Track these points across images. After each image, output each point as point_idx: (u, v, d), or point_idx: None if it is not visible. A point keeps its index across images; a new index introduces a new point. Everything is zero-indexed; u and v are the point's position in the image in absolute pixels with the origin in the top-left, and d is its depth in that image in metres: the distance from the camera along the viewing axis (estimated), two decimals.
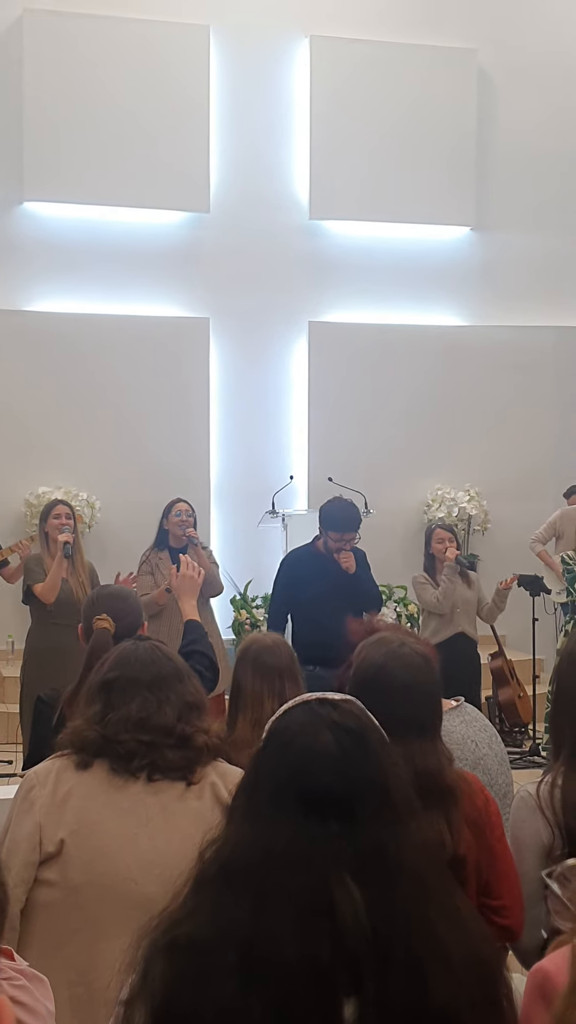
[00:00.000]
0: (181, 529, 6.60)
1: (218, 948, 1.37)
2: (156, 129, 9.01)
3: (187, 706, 2.43)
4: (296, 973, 1.33)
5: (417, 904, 1.41)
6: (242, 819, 1.49)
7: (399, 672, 2.38)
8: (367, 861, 1.41)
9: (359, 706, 1.59)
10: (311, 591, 5.90)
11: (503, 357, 9.74)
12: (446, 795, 2.26)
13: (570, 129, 9.94)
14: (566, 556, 7.06)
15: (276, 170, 9.45)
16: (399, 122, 9.50)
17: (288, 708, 1.57)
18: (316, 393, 9.44)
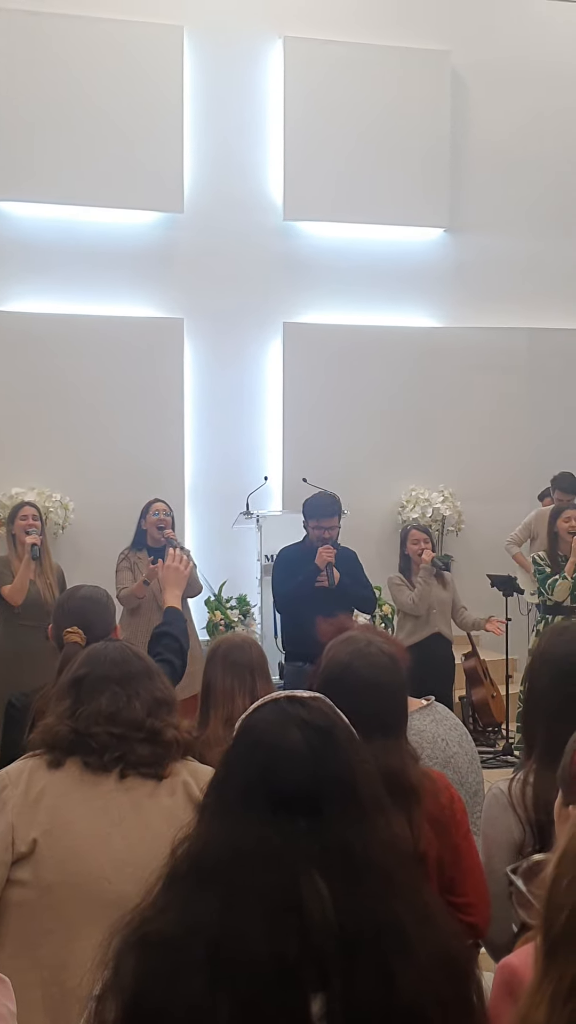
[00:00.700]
0: (159, 529, 6.61)
1: (188, 945, 1.38)
2: (130, 129, 8.99)
3: (156, 702, 2.44)
4: (264, 969, 1.34)
5: (385, 901, 1.42)
6: (212, 817, 1.50)
7: (365, 671, 2.39)
8: (335, 858, 1.42)
9: (328, 704, 1.60)
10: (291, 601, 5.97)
11: (477, 358, 9.78)
12: (408, 793, 2.27)
13: (543, 131, 10.00)
14: (537, 557, 7.09)
15: (250, 171, 9.46)
16: (373, 123, 9.52)
17: (258, 706, 1.58)
18: (290, 394, 9.45)
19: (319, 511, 6.04)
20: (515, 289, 10.00)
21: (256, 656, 3.53)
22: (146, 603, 6.38)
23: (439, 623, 6.84)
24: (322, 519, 6.00)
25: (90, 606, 3.36)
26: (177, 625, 3.71)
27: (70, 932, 2.22)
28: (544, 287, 10.08)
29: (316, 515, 6.03)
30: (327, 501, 6.11)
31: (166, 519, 6.72)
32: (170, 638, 3.61)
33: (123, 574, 6.61)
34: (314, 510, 6.07)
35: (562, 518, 7.00)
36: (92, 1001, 1.42)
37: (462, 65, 9.83)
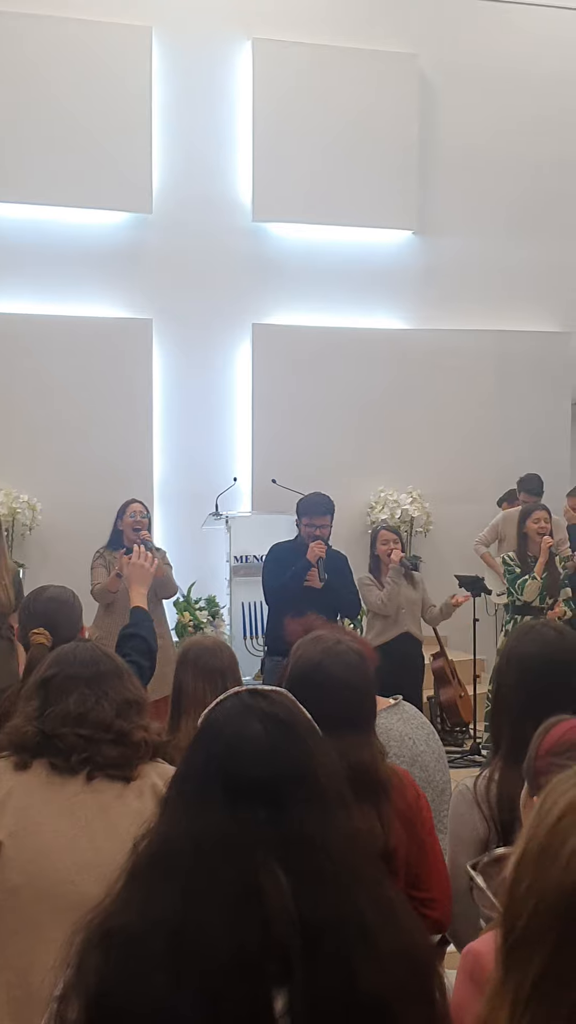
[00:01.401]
0: (135, 531, 6.59)
1: (149, 939, 1.38)
2: (98, 130, 8.97)
3: (126, 703, 2.43)
4: (225, 960, 1.34)
5: (346, 892, 1.43)
6: (173, 810, 1.50)
7: (334, 668, 2.41)
8: (294, 848, 1.42)
9: (290, 697, 1.61)
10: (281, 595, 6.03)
11: (445, 360, 9.83)
12: (378, 788, 2.30)
13: (511, 134, 10.07)
14: (507, 557, 7.14)
15: (219, 172, 9.46)
16: (341, 126, 9.55)
17: (220, 700, 1.59)
18: (260, 395, 9.46)
19: (312, 509, 6.27)
20: (483, 291, 10.05)
21: (227, 660, 3.52)
22: (121, 600, 6.35)
23: (408, 623, 6.87)
24: (315, 516, 6.22)
25: (56, 607, 3.35)
26: (144, 626, 3.70)
27: (36, 934, 2.21)
28: (512, 290, 10.15)
29: (309, 512, 6.26)
30: (320, 499, 6.34)
31: (143, 520, 6.71)
32: (138, 639, 3.60)
33: (98, 571, 6.58)
34: (307, 508, 6.30)
35: (531, 519, 7.05)
36: (54, 1001, 1.41)
37: (430, 68, 9.88)
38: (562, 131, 10.21)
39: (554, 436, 10.16)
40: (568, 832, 0.82)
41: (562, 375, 10.25)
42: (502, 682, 2.61)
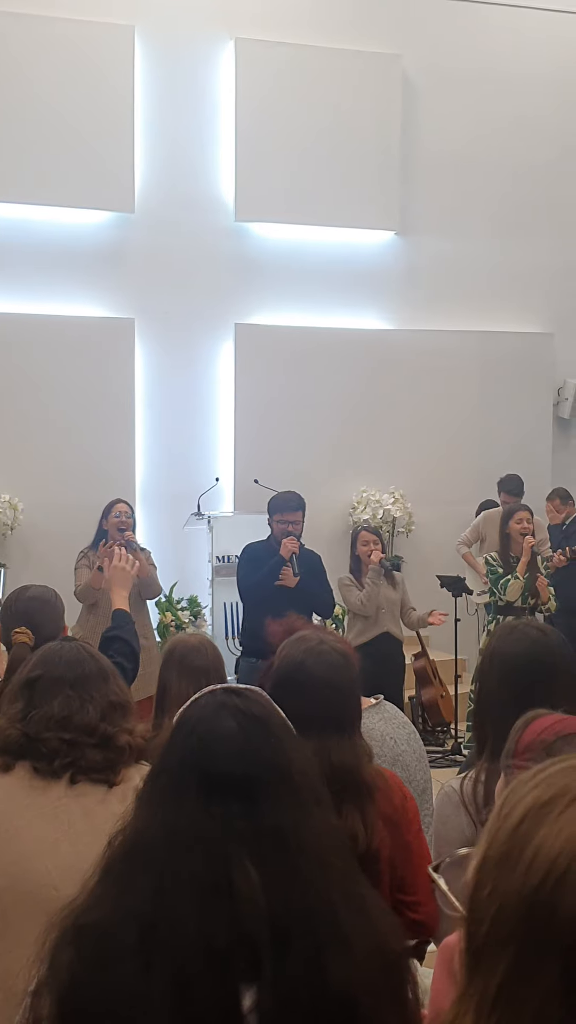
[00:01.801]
0: (119, 531, 6.57)
1: (120, 932, 1.39)
2: (81, 129, 8.94)
3: (111, 706, 2.42)
4: (195, 953, 1.36)
5: (318, 888, 1.44)
6: (148, 805, 1.52)
7: (317, 668, 2.40)
8: (267, 843, 1.44)
9: (265, 696, 1.62)
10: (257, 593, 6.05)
11: (427, 361, 9.84)
12: (362, 790, 2.29)
13: (493, 136, 10.10)
14: (490, 558, 7.16)
15: (201, 171, 9.44)
16: (324, 126, 9.55)
17: (195, 698, 1.61)
18: (242, 395, 9.45)
19: (283, 505, 6.31)
20: (465, 292, 10.08)
21: (213, 659, 3.52)
22: (104, 600, 6.33)
23: (388, 623, 6.88)
24: (286, 513, 6.26)
25: (38, 606, 3.34)
26: (127, 628, 3.70)
27: (16, 938, 2.19)
28: (494, 290, 10.18)
29: (280, 509, 6.30)
30: (291, 496, 6.40)
31: (128, 521, 6.70)
32: (121, 642, 3.60)
33: (81, 571, 6.57)
34: (278, 505, 6.34)
35: (514, 519, 7.07)
36: (28, 996, 1.43)
37: (413, 69, 9.90)
38: (544, 133, 10.25)
39: (536, 437, 10.19)
40: (529, 836, 0.82)
41: (544, 376, 10.29)
42: (485, 682, 2.60)
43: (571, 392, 10.37)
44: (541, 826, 0.81)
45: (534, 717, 1.84)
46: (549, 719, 1.82)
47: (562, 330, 10.40)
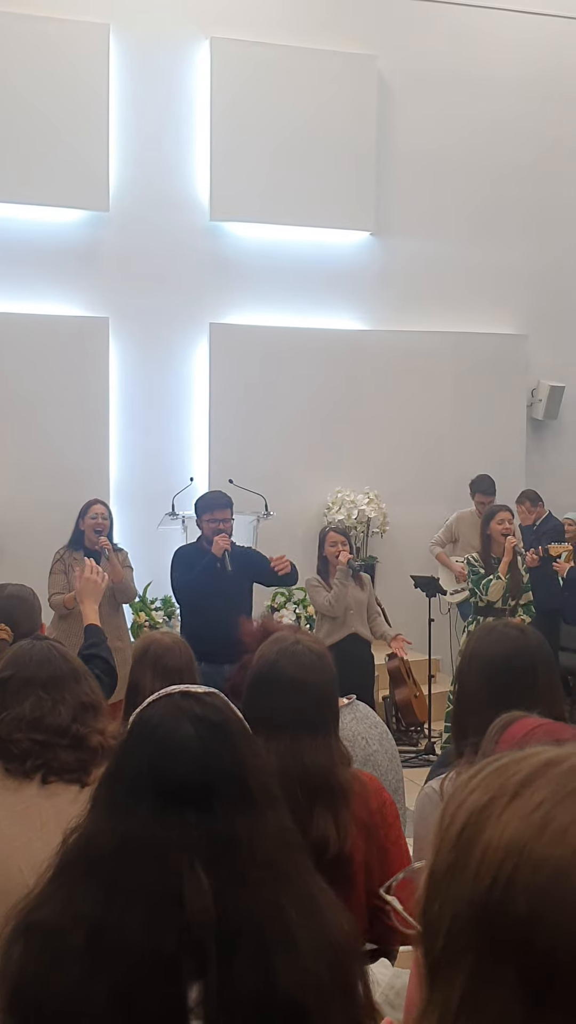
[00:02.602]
0: (96, 533, 6.54)
1: (69, 933, 1.40)
2: (55, 127, 8.90)
3: (82, 707, 2.41)
4: (141, 960, 1.37)
5: (269, 893, 1.44)
6: (102, 808, 1.51)
7: (291, 669, 2.39)
8: (220, 851, 1.44)
9: (222, 699, 1.62)
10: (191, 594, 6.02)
11: (402, 361, 9.86)
12: (335, 793, 2.27)
13: (468, 137, 10.13)
14: (471, 558, 7.17)
15: (176, 170, 9.42)
16: (299, 126, 9.55)
17: (152, 700, 1.60)
18: (217, 395, 9.44)
19: (211, 504, 6.25)
20: (440, 293, 10.11)
21: (186, 659, 3.50)
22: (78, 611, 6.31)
23: (356, 624, 6.86)
24: (215, 511, 6.19)
25: (16, 603, 3.38)
26: (103, 646, 3.71)
27: None
28: (469, 292, 10.21)
29: (209, 508, 6.23)
30: (218, 495, 6.36)
31: (104, 523, 6.67)
32: (99, 660, 3.60)
33: (56, 577, 6.53)
34: (207, 504, 6.27)
35: (495, 520, 7.09)
36: None
37: (388, 70, 9.92)
38: (519, 134, 10.29)
39: (510, 438, 10.23)
40: (472, 842, 0.81)
41: (519, 377, 10.33)
42: (465, 683, 2.59)
43: (545, 394, 10.42)
44: (483, 831, 0.81)
45: (512, 719, 1.84)
46: (531, 722, 1.81)
47: (536, 332, 10.44)
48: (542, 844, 0.78)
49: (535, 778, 0.82)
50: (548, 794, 0.80)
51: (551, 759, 0.84)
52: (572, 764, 0.83)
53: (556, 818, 0.79)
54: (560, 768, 0.82)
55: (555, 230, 10.52)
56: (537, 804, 0.80)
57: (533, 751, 0.86)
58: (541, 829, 0.78)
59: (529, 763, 0.84)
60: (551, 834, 0.78)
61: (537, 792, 0.81)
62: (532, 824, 0.79)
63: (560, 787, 0.80)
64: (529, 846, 0.78)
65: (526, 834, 0.79)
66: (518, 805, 0.81)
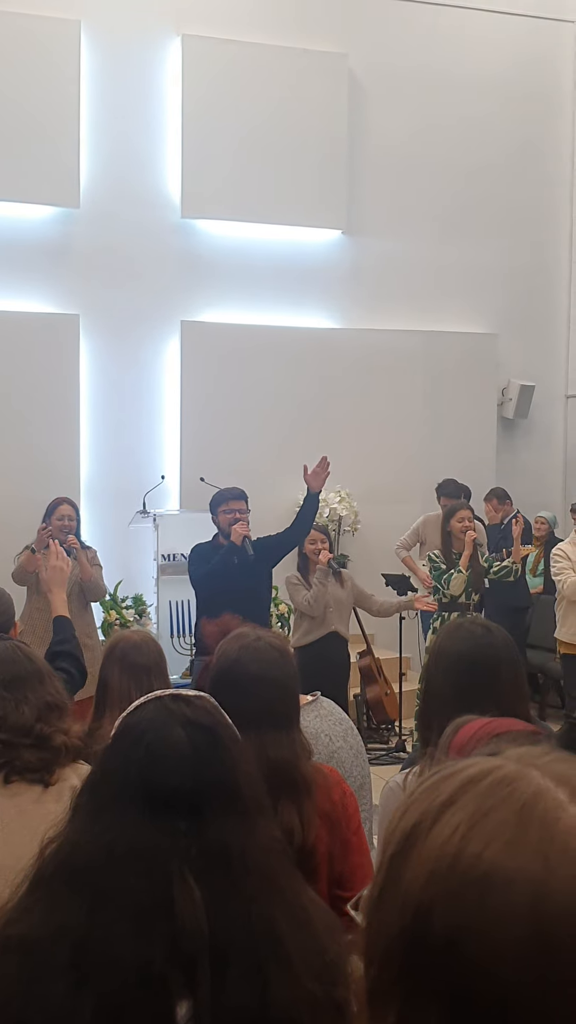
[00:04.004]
0: (62, 534, 6.50)
1: (51, 948, 1.34)
2: (25, 123, 8.86)
3: (47, 706, 2.41)
4: (129, 975, 1.31)
5: (261, 905, 1.41)
6: (86, 816, 1.46)
7: (253, 665, 2.40)
8: (212, 861, 1.40)
9: (212, 703, 1.58)
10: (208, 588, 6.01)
11: (373, 360, 9.88)
12: (299, 786, 2.29)
13: (438, 136, 10.16)
14: (432, 555, 7.22)
15: (148, 167, 9.40)
16: (271, 124, 9.55)
17: (140, 704, 1.55)
18: (188, 393, 9.42)
19: (226, 495, 6.27)
20: (412, 292, 10.13)
21: (154, 656, 3.49)
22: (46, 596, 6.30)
23: (336, 622, 6.87)
24: (230, 502, 6.21)
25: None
26: (72, 642, 3.69)
27: None
28: (440, 290, 10.24)
29: (224, 499, 6.24)
30: (232, 488, 6.37)
31: (71, 524, 6.63)
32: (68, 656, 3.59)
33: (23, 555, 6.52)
34: (221, 497, 6.29)
35: (456, 517, 7.14)
36: None
37: (359, 69, 9.93)
38: (490, 134, 10.33)
39: (481, 437, 10.28)
40: (399, 870, 0.78)
41: (489, 376, 10.38)
42: (431, 680, 2.61)
43: (515, 393, 10.47)
44: (408, 859, 0.78)
45: (462, 723, 1.84)
46: (477, 723, 1.81)
47: (506, 331, 10.49)
48: (458, 872, 0.75)
49: (456, 798, 0.78)
50: (465, 816, 0.77)
51: (474, 775, 0.80)
52: (493, 780, 0.78)
53: (471, 843, 0.75)
54: (481, 786, 0.78)
55: (526, 229, 10.58)
56: (455, 828, 0.76)
57: (463, 765, 0.82)
58: (457, 857, 0.75)
59: (454, 781, 0.80)
60: (466, 860, 0.75)
61: (456, 814, 0.77)
62: (448, 852, 0.76)
63: (478, 808, 0.77)
64: (445, 875, 0.75)
65: (443, 862, 0.75)
66: (438, 830, 0.77)
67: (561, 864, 0.73)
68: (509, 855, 0.73)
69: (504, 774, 0.79)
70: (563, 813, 0.75)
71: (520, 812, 0.75)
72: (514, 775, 0.78)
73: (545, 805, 0.75)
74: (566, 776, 0.78)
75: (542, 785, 0.77)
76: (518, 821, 0.75)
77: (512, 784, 0.77)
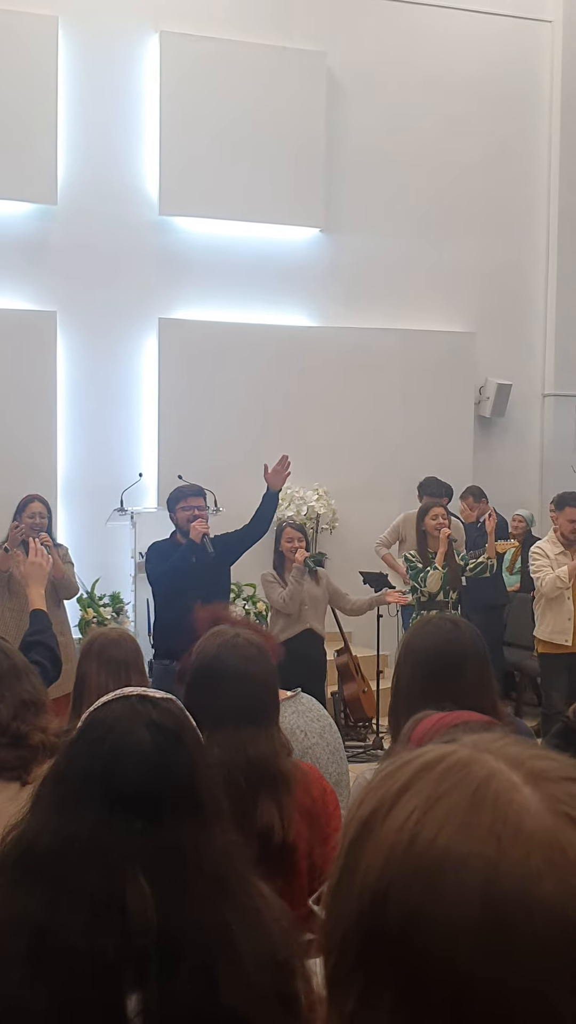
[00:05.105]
0: (33, 531, 6.46)
1: (9, 935, 1.37)
2: (3, 119, 8.81)
3: (23, 704, 2.40)
4: (82, 966, 1.35)
5: (213, 906, 1.43)
6: (47, 808, 1.49)
7: (232, 661, 2.40)
8: (165, 861, 1.42)
9: (178, 705, 1.60)
10: (168, 586, 5.98)
11: (351, 358, 9.89)
12: (278, 782, 2.29)
13: (416, 135, 10.18)
14: (408, 555, 7.25)
15: (126, 164, 9.38)
16: (249, 121, 9.54)
17: (107, 701, 1.57)
18: (166, 390, 9.41)
19: (185, 492, 6.26)
20: (390, 290, 10.15)
21: (131, 651, 3.50)
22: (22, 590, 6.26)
23: (311, 619, 6.86)
24: (189, 499, 6.18)
25: None
26: (47, 633, 3.68)
27: None
28: (418, 289, 10.26)
29: (183, 495, 6.22)
30: (188, 485, 6.37)
31: (42, 522, 6.59)
32: (43, 647, 3.58)
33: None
34: (178, 494, 6.27)
35: (429, 515, 7.17)
36: None
37: (337, 67, 9.93)
38: (469, 133, 10.35)
39: (458, 435, 10.30)
40: (356, 859, 0.78)
41: (467, 375, 10.40)
42: (400, 675, 2.61)
43: (492, 391, 10.51)
44: (364, 847, 0.77)
45: (421, 718, 1.85)
46: (435, 717, 1.81)
47: (484, 329, 10.52)
48: (412, 857, 0.74)
49: (411, 784, 0.78)
50: (420, 802, 0.76)
51: (429, 761, 0.79)
52: (447, 765, 0.78)
53: (425, 827, 0.74)
54: (435, 771, 0.78)
55: (503, 228, 10.61)
56: (409, 814, 0.76)
57: (419, 752, 0.81)
58: (411, 842, 0.74)
59: (409, 768, 0.80)
60: (420, 845, 0.74)
61: (411, 800, 0.76)
62: (403, 839, 0.75)
63: (432, 793, 0.76)
64: (400, 860, 0.74)
65: (398, 848, 0.75)
66: (393, 816, 0.77)
67: (513, 846, 0.72)
68: (462, 838, 0.73)
69: (458, 759, 0.78)
70: (516, 795, 0.74)
71: (473, 795, 0.75)
72: (468, 759, 0.78)
73: (498, 788, 0.75)
74: (519, 759, 0.77)
75: (495, 768, 0.76)
76: (471, 804, 0.74)
77: (466, 768, 0.77)
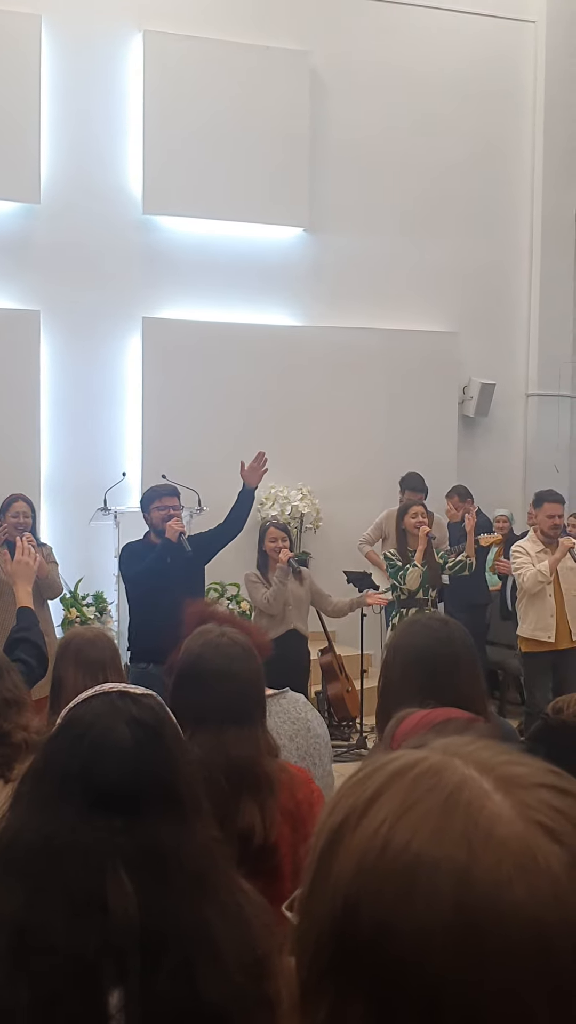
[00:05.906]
0: (17, 531, 6.45)
1: None
2: None
3: (5, 702, 2.40)
4: (63, 962, 1.35)
5: (193, 903, 1.43)
6: (28, 805, 1.48)
7: (216, 661, 2.39)
8: (147, 858, 1.42)
9: (159, 701, 1.60)
10: (143, 586, 5.95)
11: (334, 357, 9.89)
12: (261, 783, 2.27)
13: (401, 134, 10.19)
14: (388, 553, 7.27)
15: (109, 163, 9.36)
16: (233, 121, 9.54)
17: (87, 697, 1.56)
18: (150, 389, 9.39)
19: (158, 492, 6.24)
20: (374, 290, 10.16)
21: (108, 651, 3.48)
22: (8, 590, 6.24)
23: (295, 619, 6.86)
24: (163, 498, 6.16)
25: None
26: (34, 630, 3.67)
27: None
28: (402, 288, 10.27)
29: (157, 495, 6.20)
30: (163, 484, 6.36)
31: (26, 521, 6.57)
32: (29, 644, 3.56)
33: None
34: (153, 494, 6.25)
35: (409, 514, 7.21)
36: None
37: (321, 66, 9.94)
38: (453, 132, 10.37)
39: (442, 434, 10.32)
40: (328, 865, 0.77)
41: (450, 374, 10.42)
42: (388, 674, 2.61)
43: (476, 391, 10.53)
44: (336, 854, 0.77)
45: (404, 716, 1.85)
46: (418, 715, 1.82)
47: (467, 329, 10.54)
48: (384, 863, 0.74)
49: (383, 791, 0.78)
50: (391, 809, 0.76)
51: (399, 768, 0.79)
52: (418, 772, 0.78)
53: (397, 834, 0.74)
54: (407, 777, 0.78)
55: (487, 228, 10.63)
56: (380, 822, 0.75)
57: (389, 759, 0.81)
58: (383, 848, 0.74)
59: (382, 774, 0.79)
60: (392, 851, 0.74)
61: (383, 807, 0.76)
62: (375, 845, 0.75)
63: (403, 800, 0.76)
64: (373, 867, 0.74)
65: (370, 854, 0.75)
66: (365, 824, 0.76)
67: (485, 851, 0.72)
68: (434, 844, 0.73)
69: (429, 765, 0.78)
70: (488, 801, 0.75)
71: (445, 802, 0.75)
72: (439, 766, 0.78)
73: (470, 794, 0.75)
74: (490, 764, 0.78)
75: (467, 774, 0.76)
76: (443, 811, 0.74)
77: (437, 775, 0.77)
